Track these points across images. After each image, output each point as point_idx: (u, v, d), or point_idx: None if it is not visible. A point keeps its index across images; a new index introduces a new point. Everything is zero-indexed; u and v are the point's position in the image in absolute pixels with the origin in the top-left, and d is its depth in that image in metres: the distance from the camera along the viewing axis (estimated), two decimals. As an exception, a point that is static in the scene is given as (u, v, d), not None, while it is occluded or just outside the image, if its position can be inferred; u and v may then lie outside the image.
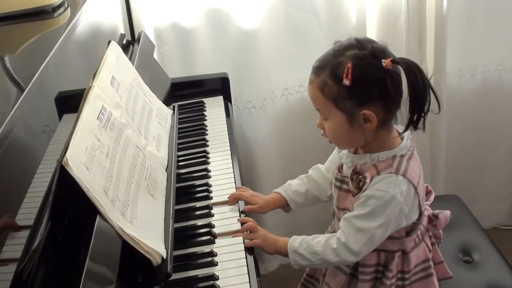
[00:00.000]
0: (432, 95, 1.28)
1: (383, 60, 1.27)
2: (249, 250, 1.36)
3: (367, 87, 1.28)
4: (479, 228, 1.84)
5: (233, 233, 1.41)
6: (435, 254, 1.52)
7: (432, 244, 1.51)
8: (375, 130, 1.32)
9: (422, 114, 1.28)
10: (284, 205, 1.58)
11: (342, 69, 1.27)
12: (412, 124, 1.29)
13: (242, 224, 1.44)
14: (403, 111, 1.33)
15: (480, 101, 2.45)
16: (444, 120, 2.37)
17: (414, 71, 1.26)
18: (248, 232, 1.42)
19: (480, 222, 1.88)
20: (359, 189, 1.34)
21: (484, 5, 2.30)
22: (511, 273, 1.64)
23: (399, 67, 1.28)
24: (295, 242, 1.41)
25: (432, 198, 1.52)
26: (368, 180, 1.32)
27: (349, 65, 1.25)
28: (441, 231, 1.54)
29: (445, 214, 1.51)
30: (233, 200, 1.52)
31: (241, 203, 1.53)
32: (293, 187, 1.59)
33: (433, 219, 1.51)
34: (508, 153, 2.57)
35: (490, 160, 2.59)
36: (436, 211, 1.52)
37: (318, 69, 1.33)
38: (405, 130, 1.34)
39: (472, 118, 2.49)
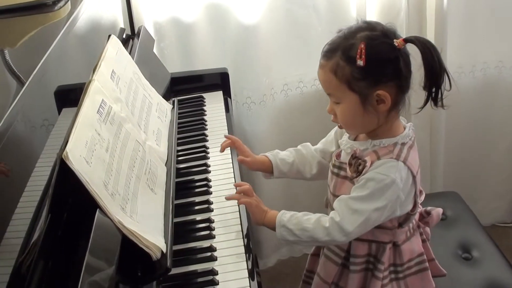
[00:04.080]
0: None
1: (395, 40, 1.28)
2: (248, 248, 1.35)
3: (381, 67, 1.29)
4: (478, 225, 1.84)
5: (235, 228, 1.41)
6: (426, 252, 1.51)
7: (423, 241, 1.51)
8: (386, 112, 1.33)
9: (439, 91, 1.30)
10: (269, 169, 1.57)
11: (354, 50, 1.27)
12: (432, 100, 1.31)
13: (238, 199, 1.44)
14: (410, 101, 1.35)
15: (480, 98, 2.45)
16: (443, 116, 2.37)
17: (429, 48, 1.28)
18: (243, 194, 1.43)
19: (479, 219, 1.88)
20: (359, 172, 1.34)
21: (484, 2, 2.30)
22: (510, 270, 1.64)
23: (407, 49, 1.30)
24: (285, 216, 1.39)
25: (422, 197, 1.52)
26: (368, 164, 1.32)
27: (362, 45, 1.25)
28: (428, 230, 1.54)
29: (438, 211, 1.51)
30: (224, 148, 1.58)
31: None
32: (281, 155, 1.58)
33: (425, 215, 1.51)
34: (507, 151, 2.57)
35: (489, 157, 2.59)
36: (429, 208, 1.52)
37: (329, 53, 1.32)
38: (423, 106, 1.34)
39: (472, 115, 2.49)
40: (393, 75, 1.29)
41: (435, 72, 1.29)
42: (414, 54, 1.32)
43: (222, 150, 1.59)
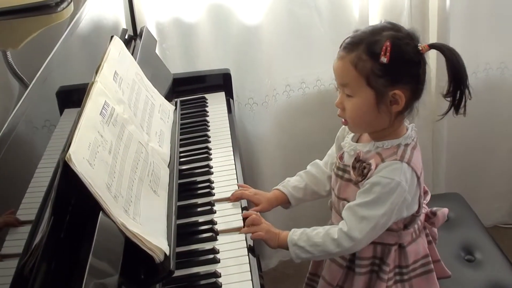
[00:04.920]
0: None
1: (419, 44, 1.29)
2: (251, 249, 1.35)
3: (403, 67, 1.29)
4: (481, 227, 1.84)
5: (237, 230, 1.40)
6: (432, 253, 1.51)
7: (429, 242, 1.51)
8: (396, 115, 1.33)
9: (464, 98, 1.32)
10: (285, 201, 1.58)
11: (379, 46, 1.27)
12: (455, 107, 1.34)
13: (245, 219, 1.43)
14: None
15: (482, 99, 2.44)
16: (445, 118, 2.36)
17: (455, 55, 1.30)
18: (252, 225, 1.42)
19: (481, 220, 1.88)
20: (364, 176, 1.34)
21: (487, 3, 2.30)
22: (512, 272, 1.64)
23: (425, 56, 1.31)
24: (295, 235, 1.39)
25: (428, 198, 1.52)
26: (373, 167, 1.32)
27: (388, 43, 1.26)
28: (436, 231, 1.54)
29: (443, 211, 1.51)
30: (235, 199, 1.51)
31: (243, 200, 1.52)
32: (292, 183, 1.59)
33: (430, 216, 1.51)
34: (510, 151, 2.57)
35: (491, 158, 2.59)
36: (434, 208, 1.52)
37: (350, 45, 1.32)
38: (445, 113, 1.38)
39: (474, 116, 2.47)
40: (412, 78, 1.30)
41: (461, 79, 1.30)
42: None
43: (233, 200, 1.52)
